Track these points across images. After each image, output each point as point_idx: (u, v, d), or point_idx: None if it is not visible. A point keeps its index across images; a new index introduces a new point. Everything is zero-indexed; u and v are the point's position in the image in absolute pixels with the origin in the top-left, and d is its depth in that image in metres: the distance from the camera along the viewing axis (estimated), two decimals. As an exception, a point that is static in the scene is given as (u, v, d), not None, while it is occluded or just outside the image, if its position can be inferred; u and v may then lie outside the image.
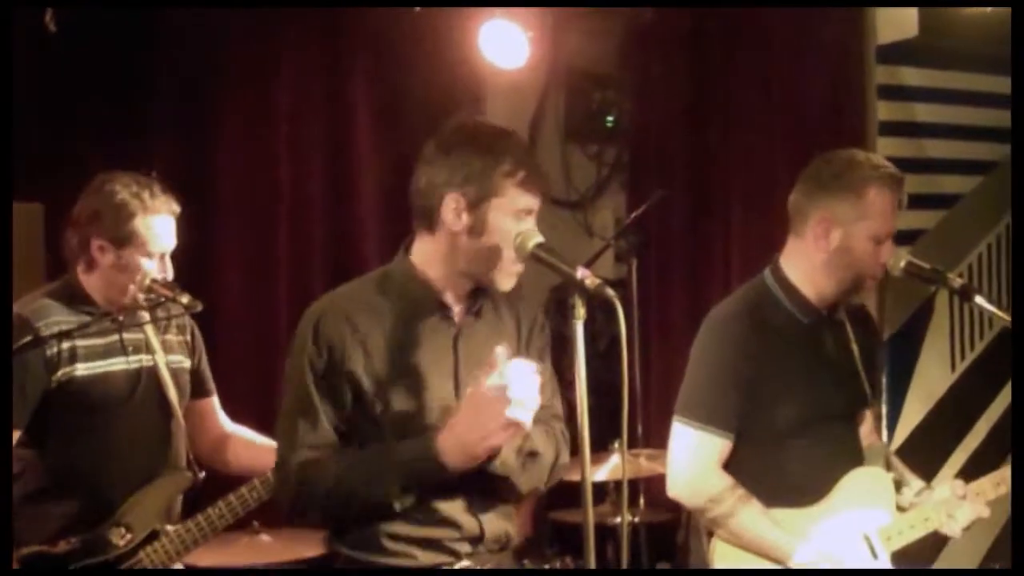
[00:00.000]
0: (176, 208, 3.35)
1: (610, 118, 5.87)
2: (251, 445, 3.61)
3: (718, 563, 3.20)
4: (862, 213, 3.18)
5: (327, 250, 4.97)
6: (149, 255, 3.28)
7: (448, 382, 2.70)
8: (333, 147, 5.00)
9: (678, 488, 3.22)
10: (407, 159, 2.74)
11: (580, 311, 2.47)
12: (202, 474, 3.40)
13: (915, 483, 3.40)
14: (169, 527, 3.32)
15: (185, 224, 3.39)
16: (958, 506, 3.28)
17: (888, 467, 3.42)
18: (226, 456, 3.61)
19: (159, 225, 3.30)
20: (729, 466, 3.19)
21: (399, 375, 2.65)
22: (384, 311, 2.70)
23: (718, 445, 3.17)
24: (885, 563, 3.26)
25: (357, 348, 2.65)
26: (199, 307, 3.30)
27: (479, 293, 2.77)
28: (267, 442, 3.53)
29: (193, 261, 3.57)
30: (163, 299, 3.27)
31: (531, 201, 2.66)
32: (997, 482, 3.34)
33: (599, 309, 2.49)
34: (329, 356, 2.65)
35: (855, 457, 3.31)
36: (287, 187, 4.87)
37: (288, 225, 4.89)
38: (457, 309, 2.75)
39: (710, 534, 3.22)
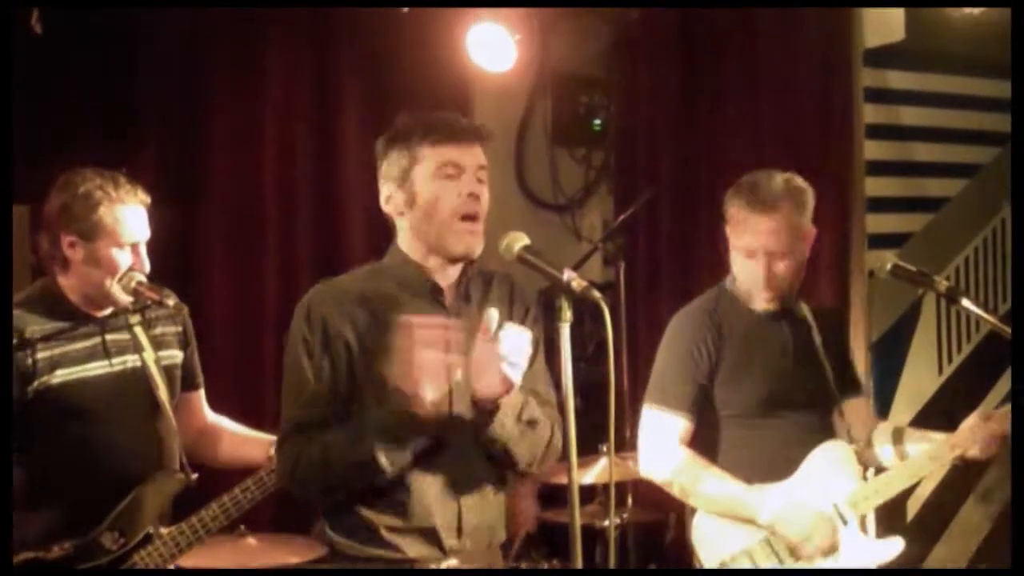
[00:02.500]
0: (145, 198, 3.30)
1: (597, 121, 5.85)
2: (235, 436, 3.59)
3: (697, 534, 3.47)
4: (733, 229, 3.48)
5: (314, 248, 4.96)
6: (120, 246, 3.22)
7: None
8: (320, 146, 4.99)
9: (647, 464, 3.53)
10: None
11: (566, 313, 2.48)
12: (195, 476, 3.36)
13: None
14: (163, 530, 3.29)
15: (171, 220, 3.43)
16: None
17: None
18: (209, 448, 3.57)
19: (127, 214, 3.24)
20: (706, 446, 3.48)
21: (388, 350, 2.61)
22: (375, 296, 2.73)
23: (677, 424, 3.49)
24: (854, 528, 3.47)
25: (347, 326, 2.69)
26: (185, 310, 3.28)
27: (467, 278, 2.80)
28: (251, 433, 3.56)
29: (178, 256, 3.60)
30: (149, 303, 3.22)
31: (452, 154, 2.70)
32: (952, 445, 3.46)
33: (587, 312, 2.49)
34: (323, 332, 2.69)
35: (824, 442, 3.50)
36: (273, 185, 4.87)
37: (275, 223, 4.89)
38: (449, 294, 2.79)
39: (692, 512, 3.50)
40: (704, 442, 3.50)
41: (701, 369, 3.48)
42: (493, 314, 2.59)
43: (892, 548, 3.49)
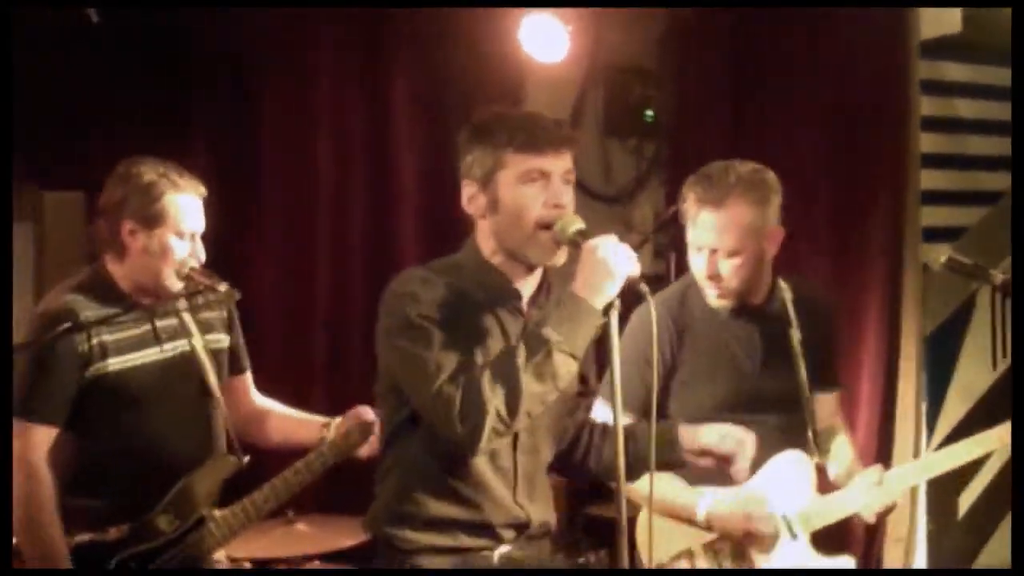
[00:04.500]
0: (203, 190, 3.34)
1: (649, 112, 5.80)
2: (285, 419, 3.61)
3: (642, 534, 3.30)
4: (686, 222, 3.39)
5: (365, 243, 4.97)
6: (180, 234, 3.26)
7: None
8: (372, 140, 4.99)
9: None
10: (446, 153, 2.76)
11: (615, 302, 2.50)
12: (246, 458, 3.39)
13: (844, 462, 3.51)
14: (216, 512, 3.32)
15: (224, 214, 3.39)
16: (874, 490, 3.38)
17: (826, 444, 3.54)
18: (259, 430, 3.59)
19: (188, 204, 3.29)
20: None
21: (472, 343, 2.63)
22: (459, 293, 2.69)
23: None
24: (804, 543, 3.40)
25: (432, 314, 2.62)
26: (237, 296, 3.28)
27: (546, 285, 2.79)
28: (301, 415, 3.60)
29: (230, 251, 3.66)
30: (201, 287, 3.24)
31: (538, 161, 2.65)
32: (924, 467, 3.47)
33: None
34: (417, 318, 2.62)
35: (790, 443, 3.39)
36: (326, 179, 4.89)
37: (327, 217, 4.90)
38: (525, 301, 2.77)
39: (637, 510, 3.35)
40: None
41: (651, 372, 3.29)
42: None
43: (841, 565, 3.44)
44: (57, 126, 4.19)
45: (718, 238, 3.31)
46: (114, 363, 3.21)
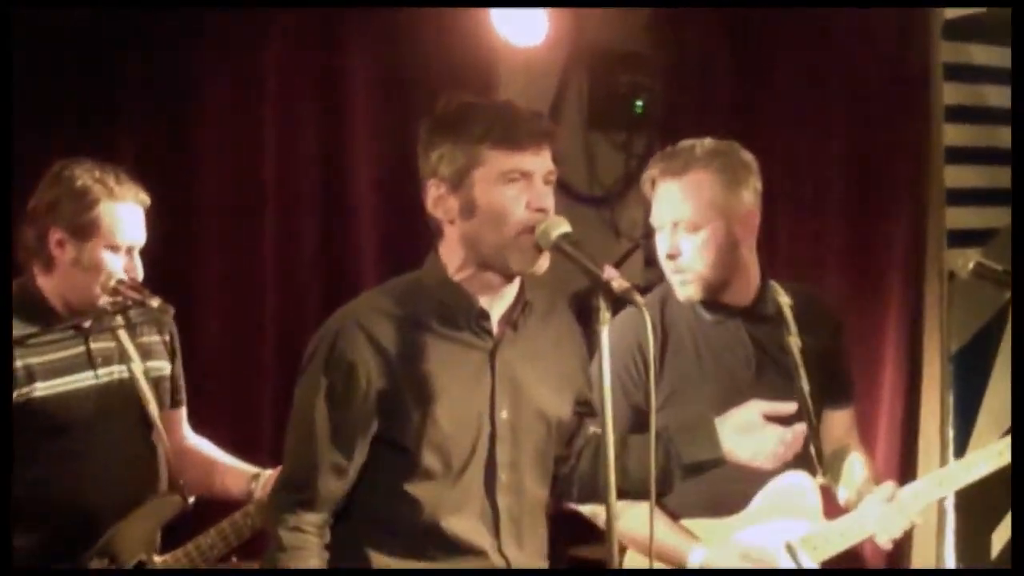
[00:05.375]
0: (145, 198, 3.31)
1: (639, 103, 5.74)
2: (212, 463, 3.56)
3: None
4: (652, 206, 3.41)
5: (318, 249, 4.92)
6: (115, 248, 3.23)
7: (482, 403, 2.71)
8: (326, 132, 4.96)
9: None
10: (408, 146, 2.75)
11: (605, 315, 2.49)
12: (191, 499, 3.37)
13: (856, 485, 3.46)
14: (156, 558, 3.31)
15: (160, 218, 3.36)
16: (887, 510, 3.35)
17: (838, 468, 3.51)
18: (184, 473, 3.49)
19: (125, 214, 3.25)
20: None
21: (427, 397, 2.65)
22: (412, 324, 2.69)
23: None
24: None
25: (380, 369, 2.65)
26: (171, 312, 3.26)
27: (521, 304, 2.77)
28: (230, 462, 3.54)
29: (168, 259, 3.58)
30: (130, 303, 3.21)
31: (519, 160, 2.63)
32: (939, 481, 3.41)
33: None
34: (348, 381, 2.65)
35: (792, 462, 3.25)
36: (273, 177, 4.82)
37: (275, 219, 4.84)
38: (496, 319, 2.75)
39: (623, 550, 3.32)
40: None
41: (636, 390, 3.33)
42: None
43: None
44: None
45: (677, 208, 3.32)
46: (42, 388, 3.19)
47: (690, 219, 3.31)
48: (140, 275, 3.27)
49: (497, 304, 2.75)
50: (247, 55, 4.78)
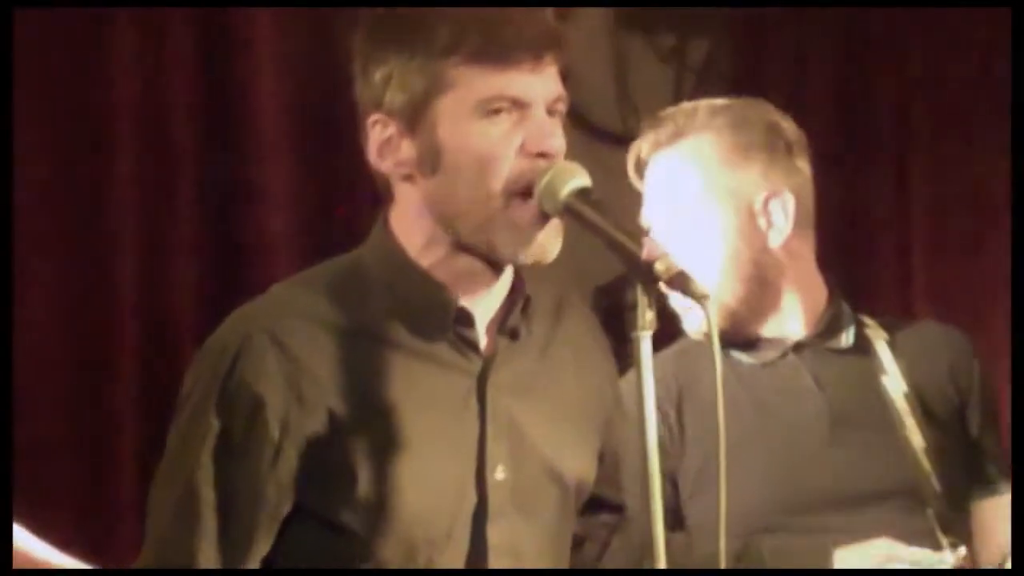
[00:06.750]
0: None
1: None
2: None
3: None
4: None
5: (196, 231, 4.34)
6: None
7: (466, 459, 2.49)
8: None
9: None
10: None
11: (648, 315, 2.22)
12: None
13: None
14: None
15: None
16: None
17: None
18: None
19: None
20: None
21: (380, 451, 2.44)
22: (354, 333, 2.48)
23: None
24: None
25: (304, 407, 2.42)
26: None
27: (518, 300, 2.56)
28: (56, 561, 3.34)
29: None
30: None
31: (508, 81, 2.38)
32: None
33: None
34: (251, 425, 2.40)
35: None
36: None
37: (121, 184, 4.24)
38: (483, 326, 2.52)
39: None
40: None
41: (666, 455, 3.07)
42: None
43: None
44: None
45: (668, 191, 3.23)
46: None
47: (686, 204, 3.21)
48: None
49: (484, 303, 2.50)
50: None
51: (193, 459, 2.42)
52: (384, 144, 2.47)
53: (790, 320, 3.28)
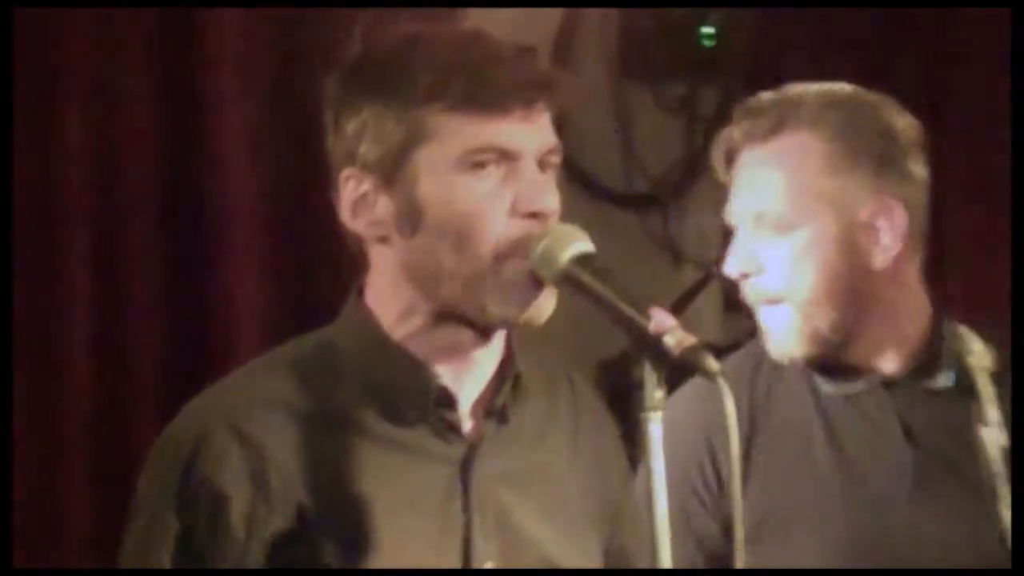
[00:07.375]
0: None
1: (708, 31, 5.04)
2: None
3: None
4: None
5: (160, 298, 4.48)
6: None
7: (450, 555, 2.48)
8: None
9: None
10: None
11: (655, 396, 2.22)
12: None
13: None
14: None
15: None
16: None
17: None
18: None
19: None
20: None
21: (354, 551, 2.44)
22: (325, 421, 2.48)
23: None
24: None
25: (271, 503, 2.43)
26: None
27: (507, 376, 2.53)
28: None
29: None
30: None
31: (495, 131, 2.36)
32: None
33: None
34: (214, 524, 2.42)
35: None
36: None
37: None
38: (467, 406, 2.50)
39: None
40: None
41: (706, 514, 3.16)
42: None
43: None
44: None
45: (761, 192, 3.09)
46: None
47: (780, 211, 3.10)
48: None
49: (469, 381, 2.49)
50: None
51: (155, 563, 2.44)
52: (358, 201, 2.46)
53: (885, 350, 3.21)
